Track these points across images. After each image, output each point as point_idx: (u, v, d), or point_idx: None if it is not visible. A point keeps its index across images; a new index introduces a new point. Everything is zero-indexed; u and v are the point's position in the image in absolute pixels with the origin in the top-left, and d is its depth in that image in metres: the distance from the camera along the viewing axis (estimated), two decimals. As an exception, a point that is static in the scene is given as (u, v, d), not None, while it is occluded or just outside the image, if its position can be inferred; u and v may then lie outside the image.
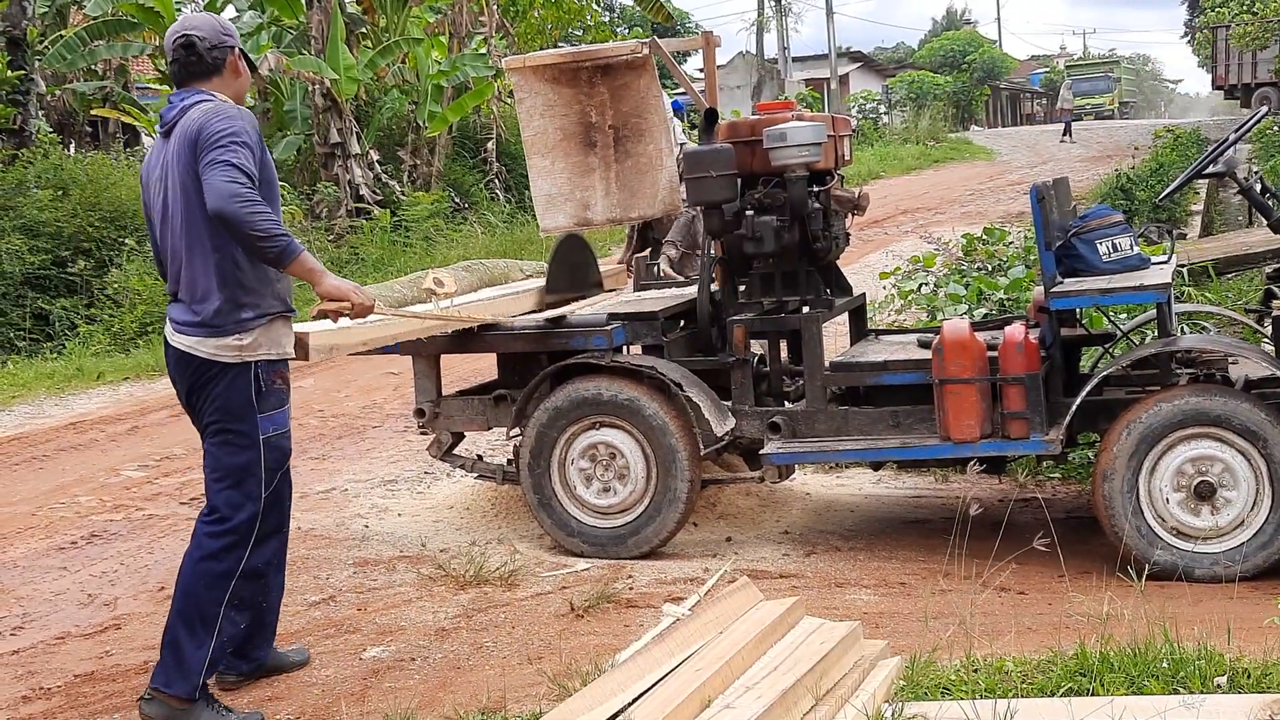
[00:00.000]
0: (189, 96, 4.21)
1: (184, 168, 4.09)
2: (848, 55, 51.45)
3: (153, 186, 4.27)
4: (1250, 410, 5.11)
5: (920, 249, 11.44)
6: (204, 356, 4.15)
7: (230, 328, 4.14)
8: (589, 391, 5.83)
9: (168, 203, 4.19)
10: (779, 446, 5.79)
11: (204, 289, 4.13)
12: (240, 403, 4.19)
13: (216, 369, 4.16)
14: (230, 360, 4.16)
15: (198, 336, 4.15)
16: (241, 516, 4.22)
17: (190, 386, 4.23)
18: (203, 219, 4.07)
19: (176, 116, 4.18)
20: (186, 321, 4.17)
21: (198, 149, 4.03)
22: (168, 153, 4.19)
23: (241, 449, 4.21)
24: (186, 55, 4.26)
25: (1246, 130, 5.83)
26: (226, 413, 4.19)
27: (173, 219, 4.18)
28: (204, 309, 4.13)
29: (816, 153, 5.86)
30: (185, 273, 4.17)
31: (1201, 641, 3.86)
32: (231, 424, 4.20)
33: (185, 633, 4.18)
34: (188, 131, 4.09)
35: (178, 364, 4.24)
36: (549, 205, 6.72)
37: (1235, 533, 5.15)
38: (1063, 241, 5.66)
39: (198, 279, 4.14)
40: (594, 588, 5.24)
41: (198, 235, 4.12)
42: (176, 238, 4.18)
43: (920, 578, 5.37)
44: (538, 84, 6.60)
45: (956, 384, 5.44)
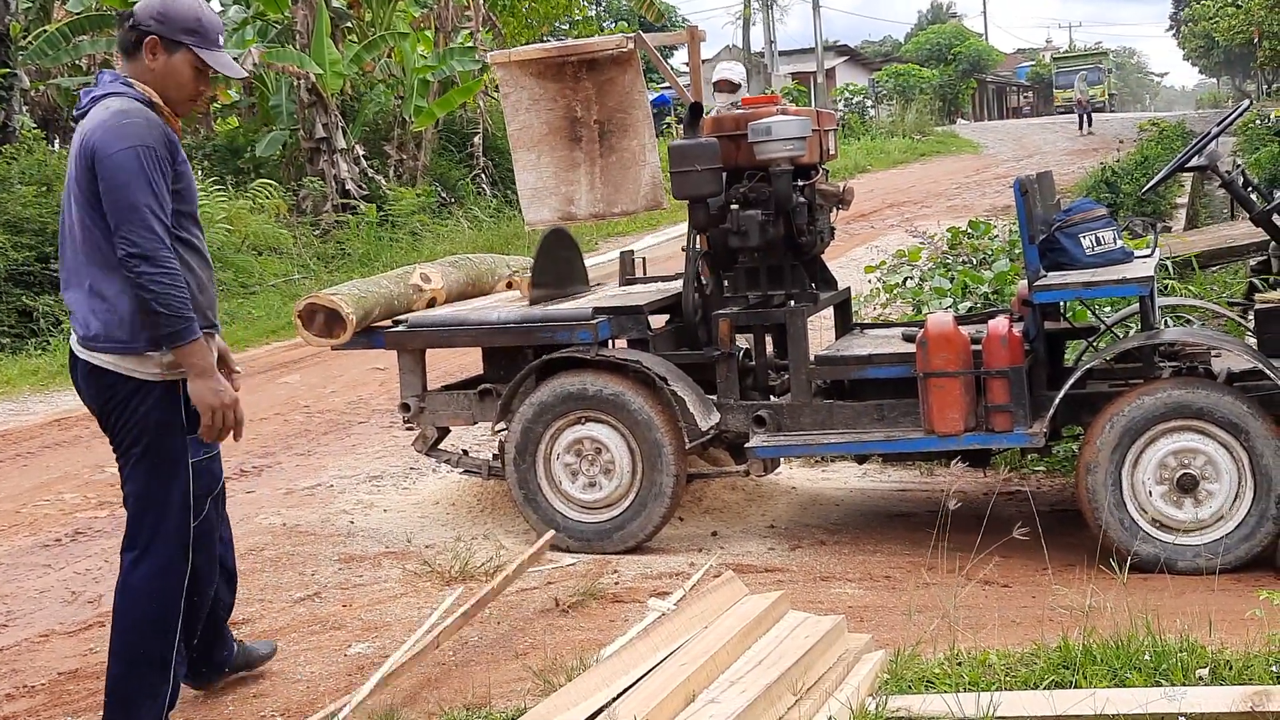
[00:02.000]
0: (106, 83, 3.82)
1: (77, 172, 3.71)
2: (834, 49, 51.44)
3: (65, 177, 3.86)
4: (1232, 403, 5.13)
5: (906, 243, 11.46)
6: (122, 373, 3.74)
7: (141, 345, 3.73)
8: (574, 386, 5.83)
9: (64, 201, 3.81)
10: (764, 440, 5.80)
11: (116, 303, 3.70)
12: (161, 423, 3.78)
13: (135, 386, 3.75)
14: (151, 378, 3.76)
15: (113, 354, 3.74)
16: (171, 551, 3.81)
17: (104, 405, 3.81)
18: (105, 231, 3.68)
19: (87, 106, 3.81)
20: (96, 336, 3.73)
21: (96, 169, 3.65)
22: (72, 147, 3.79)
23: (167, 475, 3.80)
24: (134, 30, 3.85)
25: (1229, 124, 5.86)
26: (145, 434, 3.78)
27: (66, 221, 3.80)
28: (116, 324, 3.71)
29: (801, 147, 5.87)
30: (80, 282, 3.76)
31: (1184, 634, 3.87)
32: (153, 447, 3.79)
33: (134, 686, 3.78)
34: (85, 141, 3.70)
35: (87, 379, 3.81)
36: (534, 199, 6.72)
37: (1217, 525, 5.17)
38: (1046, 235, 5.67)
39: (107, 292, 3.71)
40: (580, 583, 5.23)
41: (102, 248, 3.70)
42: (71, 243, 3.78)
43: (904, 571, 5.38)
44: (523, 78, 6.60)
45: (941, 377, 5.45)
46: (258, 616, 5.19)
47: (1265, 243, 6.85)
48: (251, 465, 7.83)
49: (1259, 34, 29.54)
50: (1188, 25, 57.89)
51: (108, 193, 3.63)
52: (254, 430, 8.77)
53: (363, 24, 20.05)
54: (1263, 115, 24.44)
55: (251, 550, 6.09)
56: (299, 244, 16.48)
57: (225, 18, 20.38)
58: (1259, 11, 27.38)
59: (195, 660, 4.22)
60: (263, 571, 5.78)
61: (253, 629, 5.04)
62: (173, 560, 3.82)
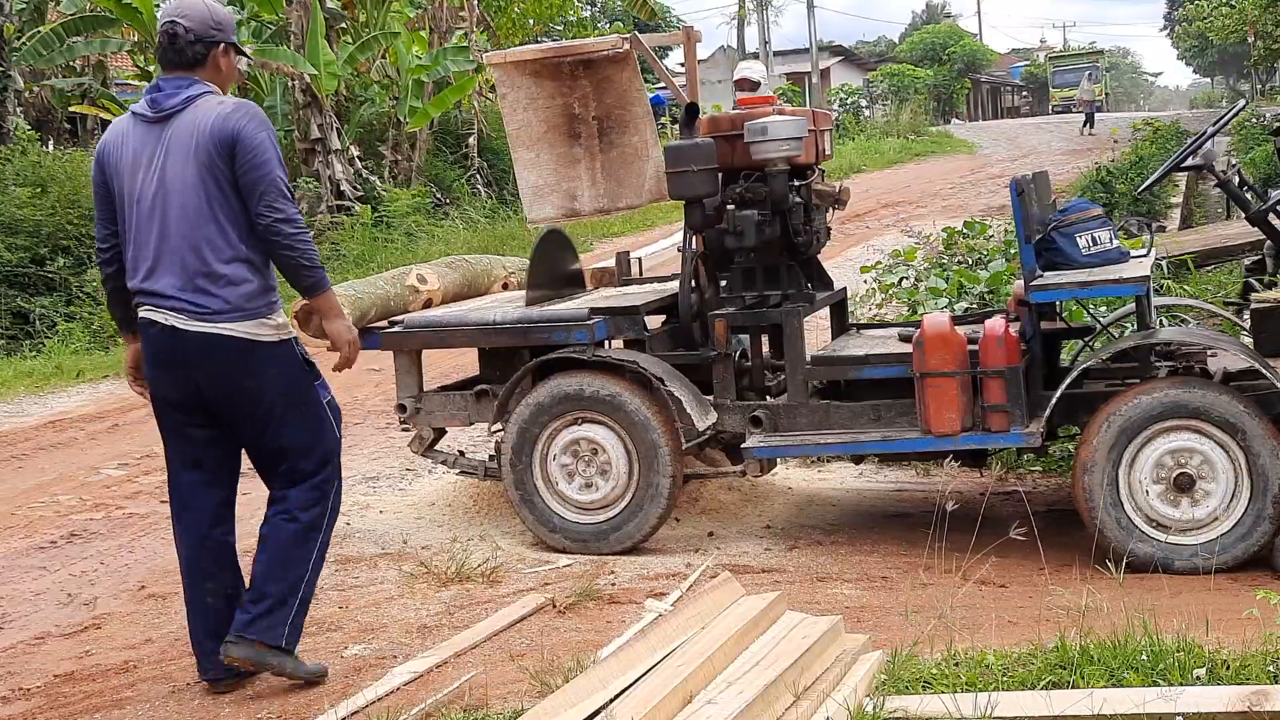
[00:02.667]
0: (188, 86, 4.24)
1: (203, 158, 4.14)
2: (829, 49, 51.50)
3: (138, 170, 4.22)
4: (1229, 402, 5.13)
5: (901, 243, 11.48)
6: (249, 339, 4.19)
7: (264, 309, 4.23)
8: (571, 387, 5.82)
9: (164, 189, 4.17)
10: (761, 441, 5.80)
11: (241, 274, 4.18)
12: (298, 373, 4.31)
13: (263, 349, 4.22)
14: (273, 339, 4.24)
15: (241, 321, 4.18)
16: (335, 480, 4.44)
17: (231, 373, 4.20)
18: (236, 210, 4.17)
19: (179, 105, 4.21)
20: (218, 310, 4.16)
21: (237, 151, 4.13)
22: (167, 138, 4.20)
23: (315, 417, 4.35)
24: (170, 44, 4.27)
25: (1224, 124, 5.86)
26: (291, 387, 4.29)
27: (171, 206, 4.17)
28: (238, 295, 4.18)
29: (797, 147, 5.87)
30: (200, 259, 4.16)
31: (1181, 633, 3.88)
32: (300, 396, 4.31)
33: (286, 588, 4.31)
34: (215, 128, 4.15)
35: (205, 352, 4.18)
36: (536, 196, 6.72)
37: (1214, 524, 5.17)
38: (1042, 235, 5.67)
39: (228, 265, 4.17)
40: (576, 584, 5.23)
41: (229, 225, 4.17)
42: (185, 225, 4.16)
43: (901, 571, 5.38)
44: (519, 78, 6.60)
45: (937, 377, 5.45)
46: (254, 618, 5.17)
47: (1260, 242, 6.86)
48: (247, 467, 7.77)
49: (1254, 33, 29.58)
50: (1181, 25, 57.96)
51: (251, 169, 4.14)
52: (249, 431, 8.75)
53: (357, 25, 20.04)
54: (1257, 115, 24.47)
55: (247, 552, 6.00)
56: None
57: (220, 18, 20.34)
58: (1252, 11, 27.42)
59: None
60: (259, 573, 5.76)
61: (249, 631, 5.02)
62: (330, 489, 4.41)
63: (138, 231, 4.25)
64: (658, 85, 19.50)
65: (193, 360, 4.20)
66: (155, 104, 4.26)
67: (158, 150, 4.21)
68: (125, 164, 4.27)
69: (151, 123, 4.25)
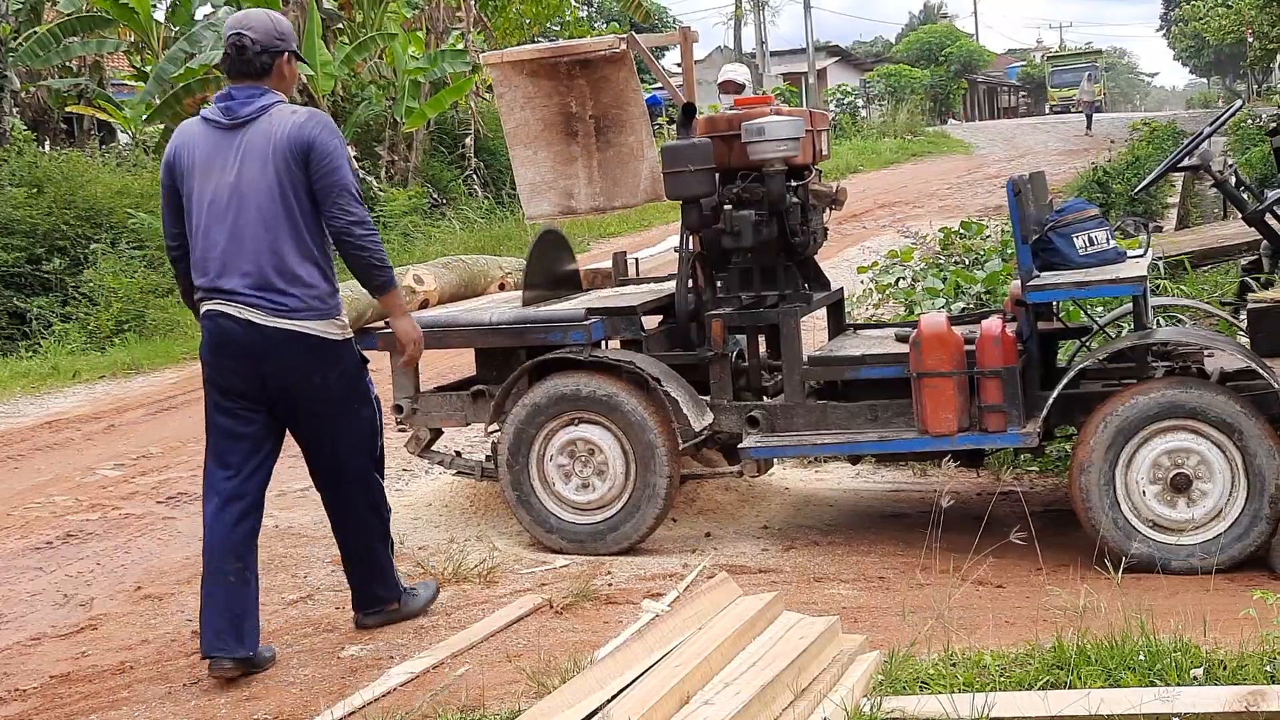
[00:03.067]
0: (260, 95, 4.51)
1: (280, 164, 4.41)
2: (825, 49, 51.49)
3: (210, 174, 4.46)
4: (1225, 403, 5.13)
5: (898, 243, 11.48)
6: (324, 337, 4.50)
7: (334, 310, 4.56)
8: (568, 387, 5.82)
9: (239, 192, 4.42)
10: (757, 441, 5.80)
11: (312, 276, 4.48)
12: (357, 370, 4.68)
13: (334, 345, 4.55)
14: (343, 338, 4.59)
15: (318, 320, 4.49)
16: (380, 462, 4.89)
17: (306, 368, 4.49)
18: (308, 215, 4.46)
19: (254, 114, 4.47)
20: (296, 309, 4.45)
21: (311, 158, 4.42)
22: (242, 144, 4.45)
23: (369, 411, 4.74)
24: (238, 55, 4.52)
25: (1221, 124, 5.86)
26: (353, 384, 4.65)
27: (246, 209, 4.42)
28: (311, 295, 4.47)
29: (795, 147, 5.86)
30: (274, 259, 4.42)
31: (1178, 634, 3.87)
32: (356, 391, 4.67)
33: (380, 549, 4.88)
34: (291, 136, 4.42)
35: (284, 348, 4.45)
36: (533, 193, 6.72)
37: (1211, 525, 5.17)
38: (1039, 235, 5.67)
39: (302, 265, 4.45)
40: (573, 584, 5.23)
41: (301, 228, 4.45)
42: (259, 227, 4.42)
43: (898, 572, 5.38)
44: (516, 78, 6.60)
45: (934, 378, 5.45)
46: (250, 619, 5.16)
47: (1256, 242, 6.86)
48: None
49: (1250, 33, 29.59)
50: (1178, 25, 57.99)
51: (325, 175, 4.43)
52: (246, 432, 8.74)
53: (354, 25, 20.03)
54: (1254, 115, 24.48)
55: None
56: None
57: (216, 18, 20.35)
58: (1249, 11, 27.43)
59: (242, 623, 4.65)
60: (255, 574, 5.75)
61: (245, 631, 5.02)
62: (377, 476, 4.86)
63: (208, 232, 4.47)
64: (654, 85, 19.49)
65: (263, 353, 4.46)
66: (229, 111, 4.49)
67: (232, 156, 4.45)
68: (197, 168, 4.49)
69: (226, 129, 4.49)
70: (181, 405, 9.84)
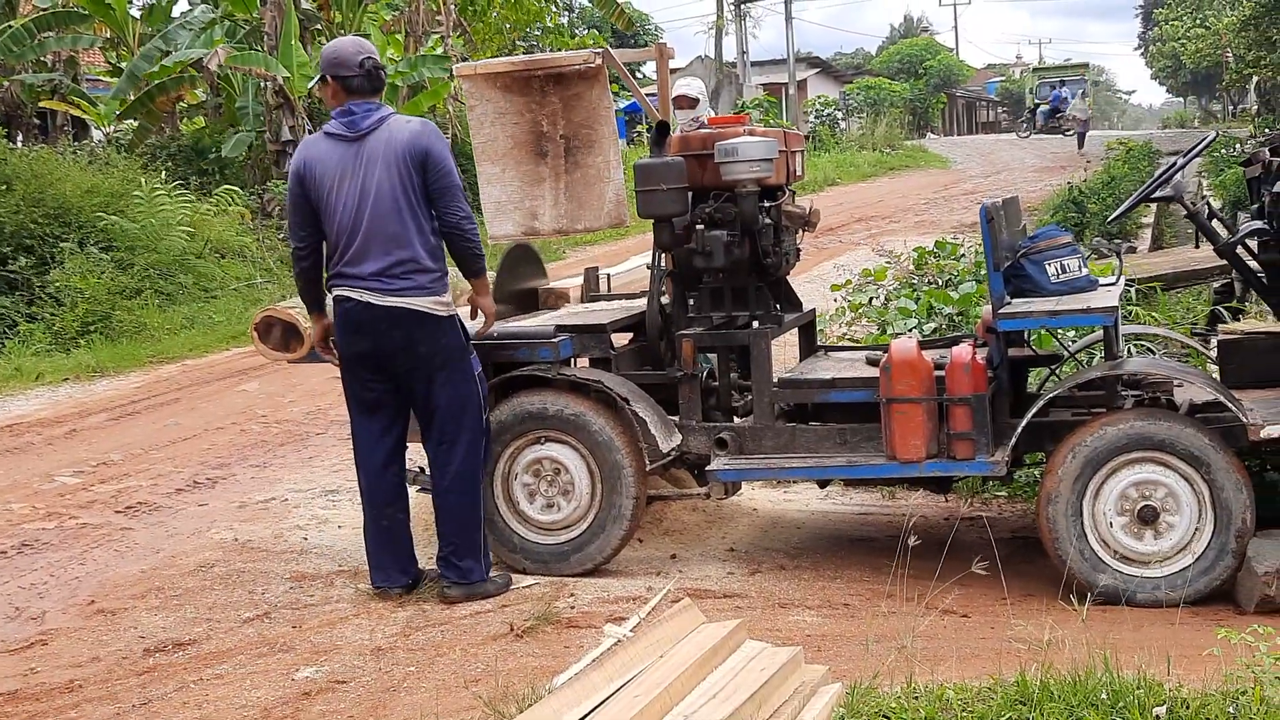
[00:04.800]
0: (377, 110, 5.27)
1: (400, 169, 5.18)
2: (806, 60, 51.55)
3: (342, 180, 5.19)
4: (1194, 435, 5.12)
5: (873, 260, 11.46)
6: (430, 312, 5.21)
7: (442, 290, 5.28)
8: (534, 405, 5.76)
9: (367, 193, 5.17)
10: (725, 463, 5.75)
11: (425, 261, 5.22)
12: (460, 346, 5.36)
13: (439, 320, 5.26)
14: (448, 313, 5.29)
15: (427, 296, 5.22)
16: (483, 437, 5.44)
17: (414, 339, 5.22)
18: (422, 210, 5.22)
19: (374, 125, 5.23)
20: (406, 287, 5.19)
21: (428, 164, 5.19)
22: (366, 152, 5.20)
23: (471, 382, 5.37)
24: (367, 77, 5.26)
25: (1195, 155, 5.85)
26: (452, 356, 5.31)
27: (377, 206, 5.16)
28: (423, 278, 5.22)
29: (768, 168, 5.83)
30: (396, 249, 5.18)
31: (1141, 670, 3.85)
32: (458, 364, 5.33)
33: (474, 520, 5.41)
34: (410, 143, 5.19)
35: (397, 323, 5.19)
36: (498, 212, 6.66)
37: (1178, 558, 5.15)
38: (1011, 262, 5.65)
39: (417, 253, 5.21)
40: (535, 607, 5.18)
41: (417, 222, 5.21)
42: (385, 222, 5.17)
43: (864, 599, 5.34)
44: (489, 91, 6.54)
45: (903, 403, 5.42)
46: (204, 637, 5.10)
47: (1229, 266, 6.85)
48: (205, 477, 7.73)
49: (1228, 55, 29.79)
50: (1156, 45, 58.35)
51: (441, 177, 5.22)
52: (209, 440, 8.69)
53: (332, 26, 19.90)
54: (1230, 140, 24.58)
55: (201, 566, 6.00)
56: (262, 248, 16.32)
57: (192, 16, 20.24)
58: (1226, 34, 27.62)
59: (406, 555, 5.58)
60: (212, 589, 5.69)
61: (199, 650, 4.95)
62: (480, 443, 5.43)
63: (340, 228, 5.22)
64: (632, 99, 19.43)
65: (382, 328, 5.21)
66: (353, 125, 5.24)
67: (357, 163, 5.20)
68: (328, 177, 5.22)
69: (350, 141, 5.22)
70: (145, 411, 9.74)
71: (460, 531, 5.40)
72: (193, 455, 8.28)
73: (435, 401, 5.34)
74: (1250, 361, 5.76)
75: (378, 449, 5.45)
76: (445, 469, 5.41)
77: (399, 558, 5.50)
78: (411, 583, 5.51)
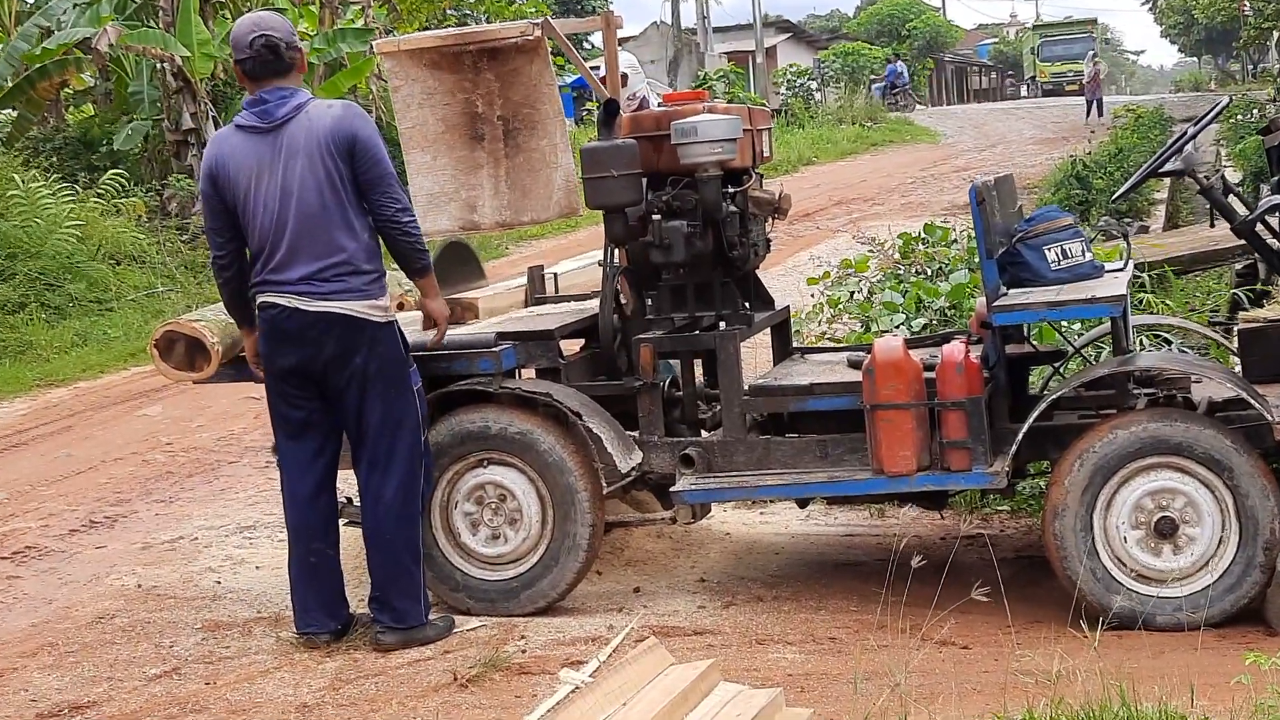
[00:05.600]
0: (291, 95, 5.27)
1: (326, 158, 5.18)
2: (775, 25, 51.78)
3: (260, 178, 5.20)
4: (1214, 437, 5.17)
5: (854, 249, 11.53)
6: (364, 318, 5.24)
7: (379, 293, 5.32)
8: (475, 424, 5.77)
9: (290, 191, 5.18)
10: (693, 483, 5.77)
11: (360, 262, 5.26)
12: (399, 357, 5.38)
13: (376, 326, 5.29)
14: (382, 320, 5.31)
15: (359, 300, 5.24)
16: (421, 461, 5.44)
17: (339, 350, 5.24)
18: (353, 204, 5.26)
19: (290, 113, 5.22)
20: (338, 290, 5.22)
21: (355, 151, 5.21)
22: (284, 143, 5.20)
23: (406, 398, 5.38)
24: (270, 55, 5.23)
25: (1207, 123, 5.92)
26: (388, 367, 5.33)
27: (302, 204, 5.18)
28: (358, 280, 5.25)
29: (731, 149, 5.85)
30: (326, 251, 5.22)
31: (1162, 702, 3.89)
32: (395, 377, 5.35)
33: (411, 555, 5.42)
34: (333, 129, 5.20)
35: (326, 329, 5.21)
36: (431, 206, 6.64)
37: (1200, 575, 5.20)
38: (1007, 248, 5.69)
39: (350, 253, 5.24)
40: (481, 652, 5.19)
41: (348, 218, 5.24)
42: (311, 221, 5.19)
43: (851, 631, 5.38)
44: (415, 69, 6.53)
45: (890, 410, 5.45)
46: (105, 698, 5.08)
47: (1250, 247, 6.93)
48: (103, 515, 7.69)
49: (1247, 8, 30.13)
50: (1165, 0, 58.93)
51: (371, 166, 5.25)
52: (107, 473, 8.64)
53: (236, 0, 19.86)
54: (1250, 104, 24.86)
55: (101, 617, 5.98)
56: (163, 251, 16.21)
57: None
58: (1243, -15, 27.95)
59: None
60: (113, 643, 5.67)
61: (99, 713, 4.93)
62: (418, 468, 5.43)
63: (262, 231, 5.24)
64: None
65: (311, 336, 5.24)
66: (266, 115, 5.24)
67: (276, 157, 5.20)
68: (244, 175, 5.24)
69: (264, 133, 5.24)
70: (32, 442, 9.67)
71: (395, 569, 5.38)
72: (88, 491, 8.23)
73: (367, 418, 5.35)
74: (1275, 352, 5.81)
75: (307, 476, 5.47)
76: (378, 497, 5.40)
77: (327, 600, 5.49)
78: (340, 628, 5.49)
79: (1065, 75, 53.62)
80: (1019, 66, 67.48)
